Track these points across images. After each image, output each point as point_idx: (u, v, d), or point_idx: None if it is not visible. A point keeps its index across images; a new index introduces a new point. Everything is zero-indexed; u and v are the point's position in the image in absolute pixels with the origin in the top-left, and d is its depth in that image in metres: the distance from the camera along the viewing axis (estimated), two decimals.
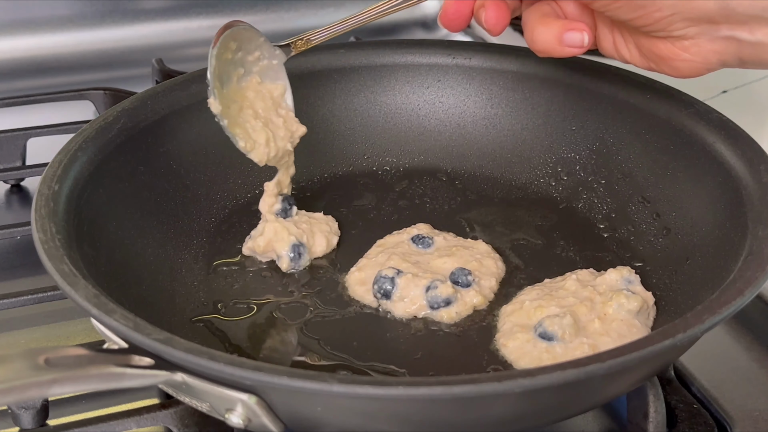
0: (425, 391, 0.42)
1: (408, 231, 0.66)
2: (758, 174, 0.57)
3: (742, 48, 0.53)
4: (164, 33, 1.02)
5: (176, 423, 0.53)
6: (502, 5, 0.58)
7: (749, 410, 0.57)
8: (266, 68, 0.64)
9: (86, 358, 0.44)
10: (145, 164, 0.64)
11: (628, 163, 0.67)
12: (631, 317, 0.56)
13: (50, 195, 0.55)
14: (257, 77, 0.64)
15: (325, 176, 0.73)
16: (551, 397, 0.46)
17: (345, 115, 0.74)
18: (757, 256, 0.51)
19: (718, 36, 0.53)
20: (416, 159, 0.75)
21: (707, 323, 0.46)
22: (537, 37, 0.57)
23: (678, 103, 0.65)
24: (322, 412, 0.45)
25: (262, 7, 1.05)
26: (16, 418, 0.54)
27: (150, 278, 0.60)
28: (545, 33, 0.56)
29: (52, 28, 0.99)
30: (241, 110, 0.63)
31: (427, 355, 0.57)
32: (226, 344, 0.58)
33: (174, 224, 0.64)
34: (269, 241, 0.64)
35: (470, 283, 0.60)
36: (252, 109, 0.63)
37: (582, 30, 0.56)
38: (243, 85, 0.64)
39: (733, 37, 0.53)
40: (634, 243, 0.65)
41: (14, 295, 0.63)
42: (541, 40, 0.57)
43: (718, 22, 0.53)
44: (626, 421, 0.54)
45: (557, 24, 0.56)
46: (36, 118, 0.84)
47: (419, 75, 0.75)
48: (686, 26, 0.53)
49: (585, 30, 0.56)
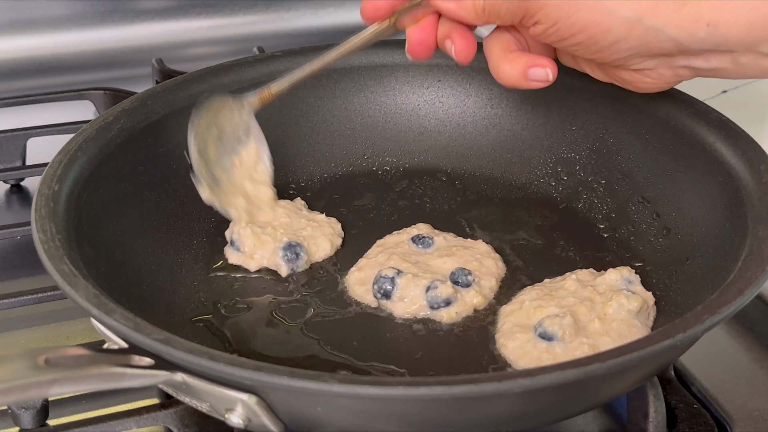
0: (425, 391, 0.42)
1: (408, 231, 0.66)
2: (758, 174, 0.57)
3: (699, 72, 0.56)
4: (164, 33, 1.02)
5: (176, 423, 0.53)
6: (468, 35, 0.59)
7: (749, 410, 0.57)
8: (237, 122, 0.65)
9: (86, 358, 0.44)
10: (145, 164, 0.64)
11: (628, 163, 0.67)
12: (631, 317, 0.56)
13: (50, 195, 0.55)
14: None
15: (325, 176, 0.73)
16: (551, 397, 0.46)
17: (345, 115, 0.74)
18: (757, 256, 0.51)
19: (676, 65, 0.56)
20: (416, 159, 0.75)
21: (707, 323, 0.46)
22: (502, 73, 0.58)
23: (678, 103, 0.65)
24: (322, 412, 0.45)
25: (262, 7, 1.05)
26: (16, 418, 0.54)
27: (150, 278, 0.60)
28: (510, 69, 0.58)
29: (52, 28, 0.99)
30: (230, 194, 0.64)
31: (427, 355, 0.57)
32: (226, 344, 0.58)
33: (174, 224, 0.64)
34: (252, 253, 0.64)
35: (470, 283, 0.60)
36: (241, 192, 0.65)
37: (545, 66, 0.57)
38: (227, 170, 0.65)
39: (689, 66, 0.55)
40: (634, 243, 0.65)
41: (14, 295, 0.63)
42: (506, 75, 0.58)
43: (674, 55, 0.54)
44: (626, 421, 0.54)
45: (521, 61, 0.58)
46: (36, 118, 0.84)
47: (419, 75, 0.74)
48: (644, 61, 0.56)
49: (548, 66, 0.57)
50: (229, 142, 0.65)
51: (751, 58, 0.53)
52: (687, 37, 0.52)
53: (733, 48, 0.52)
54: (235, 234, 0.64)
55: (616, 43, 0.54)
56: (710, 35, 0.52)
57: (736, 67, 0.54)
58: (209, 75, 0.70)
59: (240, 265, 0.64)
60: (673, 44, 0.53)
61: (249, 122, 0.65)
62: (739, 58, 0.53)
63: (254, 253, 0.63)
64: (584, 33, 0.54)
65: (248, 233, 0.63)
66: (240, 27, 1.04)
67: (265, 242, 0.63)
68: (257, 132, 0.66)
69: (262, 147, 0.66)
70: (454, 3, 0.58)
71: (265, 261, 0.64)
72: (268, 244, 0.63)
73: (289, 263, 0.63)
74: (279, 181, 0.71)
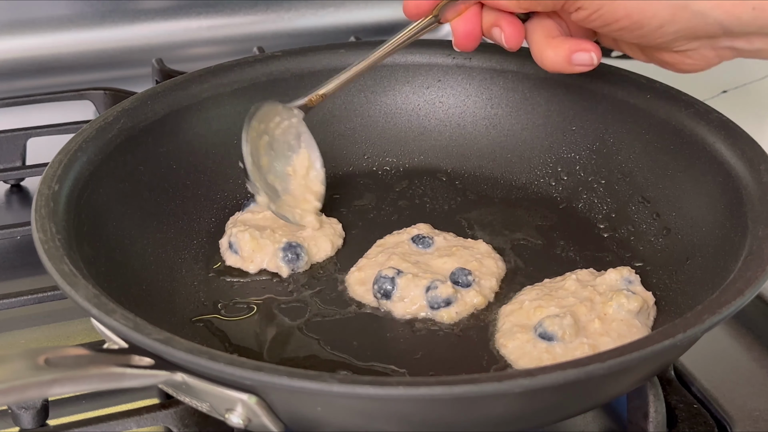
0: (425, 391, 0.42)
1: (408, 231, 0.66)
2: (758, 174, 0.57)
3: (741, 53, 0.56)
4: (164, 33, 1.02)
5: (176, 423, 0.53)
6: (516, 21, 0.59)
7: (749, 410, 0.57)
8: (287, 128, 0.66)
9: (86, 358, 0.44)
10: (145, 164, 0.64)
11: (628, 163, 0.67)
12: (631, 317, 0.56)
13: (50, 195, 0.55)
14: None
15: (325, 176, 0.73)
16: (551, 397, 0.46)
17: (345, 115, 0.74)
18: (757, 256, 0.51)
19: (719, 46, 0.55)
20: (416, 159, 0.75)
21: (707, 323, 0.46)
22: (546, 59, 0.58)
23: (678, 103, 0.65)
24: (322, 412, 0.45)
25: (262, 7, 1.05)
26: (16, 418, 0.54)
27: (150, 278, 0.60)
28: (554, 56, 0.58)
29: (52, 28, 0.99)
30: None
31: (427, 355, 0.57)
32: (226, 344, 0.58)
33: (174, 224, 0.64)
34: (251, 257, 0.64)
35: (470, 283, 0.60)
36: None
37: (590, 50, 0.57)
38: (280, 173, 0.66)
39: (733, 47, 0.55)
40: (634, 243, 0.65)
41: (14, 295, 0.63)
42: (550, 61, 0.58)
43: (718, 36, 0.54)
44: (626, 421, 0.54)
45: (566, 46, 0.57)
46: (36, 118, 0.84)
47: (419, 75, 0.74)
48: (687, 42, 0.55)
49: (593, 50, 0.57)
50: (281, 149, 0.66)
51: None
52: (732, 20, 0.52)
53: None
54: (233, 237, 0.64)
55: (662, 27, 0.54)
56: (756, 18, 0.52)
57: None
58: (209, 75, 0.70)
59: (239, 267, 0.64)
60: (718, 27, 0.53)
61: (299, 128, 0.66)
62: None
63: (253, 257, 0.63)
64: (628, 18, 0.54)
65: (246, 237, 0.63)
66: (240, 27, 1.04)
67: (263, 246, 0.63)
68: (308, 138, 0.67)
69: (314, 153, 0.67)
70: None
71: (264, 263, 0.63)
72: (267, 247, 0.63)
73: (289, 264, 0.63)
74: None
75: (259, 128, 0.64)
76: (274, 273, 0.64)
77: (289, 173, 0.66)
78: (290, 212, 0.65)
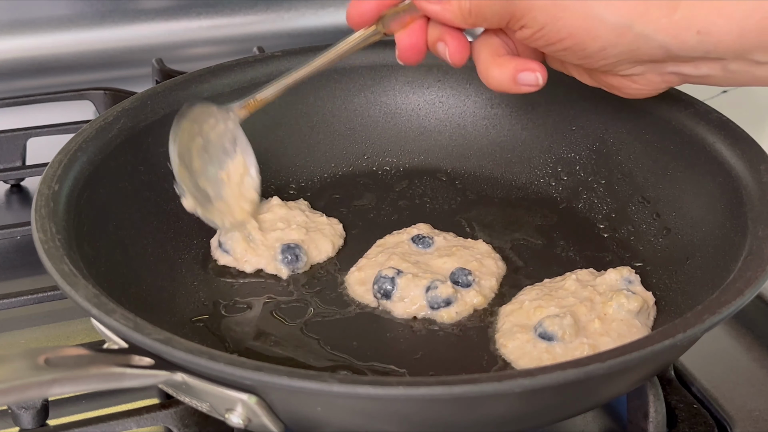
0: (425, 391, 0.42)
1: (408, 231, 0.66)
2: (758, 174, 0.57)
3: (687, 79, 0.55)
4: (164, 33, 1.02)
5: (176, 423, 0.53)
6: (461, 37, 0.58)
7: (749, 410, 0.57)
8: (223, 132, 0.63)
9: (86, 358, 0.44)
10: (145, 164, 0.64)
11: (628, 163, 0.67)
12: (631, 317, 0.56)
13: (50, 195, 0.55)
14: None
15: (325, 176, 0.73)
16: (551, 397, 0.46)
17: (345, 115, 0.74)
18: (757, 256, 0.51)
19: (665, 71, 0.54)
20: (416, 159, 0.75)
21: (707, 323, 0.46)
22: (491, 78, 0.57)
23: (678, 103, 0.65)
24: (322, 412, 0.45)
25: (262, 7, 1.05)
26: (16, 418, 0.54)
27: (150, 278, 0.60)
28: (500, 75, 0.57)
29: (52, 28, 0.99)
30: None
31: (427, 355, 0.57)
32: (226, 344, 0.58)
33: (174, 224, 0.64)
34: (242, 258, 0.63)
35: (470, 283, 0.60)
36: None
37: (535, 70, 0.56)
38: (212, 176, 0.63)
39: (679, 72, 0.54)
40: (634, 243, 0.65)
41: (14, 295, 0.63)
42: (495, 80, 0.57)
43: (664, 61, 0.53)
44: (626, 421, 0.54)
45: (511, 65, 0.57)
46: (36, 118, 0.84)
47: (419, 75, 0.74)
48: (632, 67, 0.54)
49: (538, 70, 0.56)
50: (215, 152, 0.63)
51: (742, 66, 0.52)
52: (677, 44, 0.51)
53: (724, 55, 0.51)
54: (222, 236, 0.64)
55: (605, 50, 0.53)
56: (701, 42, 0.51)
57: (726, 74, 0.53)
58: (209, 75, 0.70)
59: (234, 266, 0.64)
60: (662, 51, 0.52)
61: (235, 132, 0.64)
62: (729, 65, 0.52)
63: (246, 257, 0.63)
64: (572, 38, 0.53)
65: (236, 237, 0.63)
66: (240, 27, 1.04)
67: (256, 247, 0.63)
68: (244, 142, 0.64)
69: (249, 158, 0.64)
70: (439, 5, 0.56)
71: (262, 264, 0.63)
72: (259, 248, 0.63)
73: (288, 265, 0.63)
74: (279, 182, 0.71)
75: (192, 129, 0.62)
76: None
77: (222, 178, 0.63)
78: (220, 218, 0.62)
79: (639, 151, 0.67)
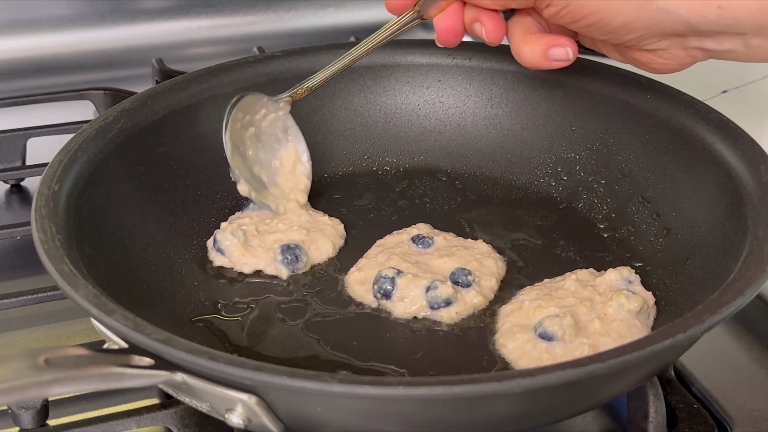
0: (425, 391, 0.42)
1: (408, 231, 0.66)
2: (758, 174, 0.57)
3: (712, 54, 0.56)
4: (164, 33, 1.02)
5: (176, 423, 0.53)
6: (496, 17, 0.60)
7: (749, 410, 0.57)
8: (274, 121, 0.67)
9: (86, 358, 0.44)
10: (145, 164, 0.64)
11: (628, 163, 0.67)
12: (631, 317, 0.56)
13: (50, 195, 0.55)
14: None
15: (325, 176, 0.73)
16: (551, 397, 0.46)
17: (345, 115, 0.74)
18: (757, 256, 0.51)
19: (689, 46, 0.56)
20: (416, 159, 0.75)
21: (707, 323, 0.46)
22: (523, 55, 0.60)
23: (678, 103, 0.65)
24: (322, 412, 0.45)
25: (262, 7, 1.05)
26: (16, 418, 0.54)
27: (150, 278, 0.60)
28: (531, 51, 0.59)
29: (52, 28, 0.99)
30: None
31: (427, 355, 0.57)
32: (226, 344, 0.58)
33: (174, 224, 0.64)
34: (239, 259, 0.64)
35: (470, 283, 0.60)
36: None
37: (565, 45, 0.58)
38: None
39: (702, 47, 0.56)
40: (634, 243, 0.65)
41: (14, 295, 0.63)
42: (527, 57, 0.59)
43: (687, 35, 0.55)
44: (626, 421, 0.54)
45: (542, 41, 0.59)
46: (36, 118, 0.84)
47: (419, 75, 0.75)
48: (657, 41, 0.56)
49: (568, 45, 0.58)
50: (267, 141, 0.67)
51: (762, 41, 0.53)
52: (697, 18, 0.53)
53: (744, 30, 0.53)
54: (218, 236, 0.64)
55: (628, 24, 0.55)
56: (720, 17, 0.52)
57: (748, 49, 0.54)
58: (209, 75, 0.70)
59: (231, 267, 0.64)
60: (684, 25, 0.54)
61: (286, 121, 0.67)
62: (751, 40, 0.54)
63: (242, 258, 0.63)
64: (595, 15, 0.55)
65: (231, 238, 0.63)
66: (240, 27, 1.04)
67: (253, 249, 0.63)
68: (295, 131, 0.68)
69: (301, 146, 0.68)
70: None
71: (260, 266, 0.63)
72: (257, 250, 0.63)
73: (288, 266, 0.63)
74: None
75: (244, 119, 0.65)
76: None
77: (276, 166, 0.67)
78: (274, 203, 0.66)
79: (639, 151, 0.67)
